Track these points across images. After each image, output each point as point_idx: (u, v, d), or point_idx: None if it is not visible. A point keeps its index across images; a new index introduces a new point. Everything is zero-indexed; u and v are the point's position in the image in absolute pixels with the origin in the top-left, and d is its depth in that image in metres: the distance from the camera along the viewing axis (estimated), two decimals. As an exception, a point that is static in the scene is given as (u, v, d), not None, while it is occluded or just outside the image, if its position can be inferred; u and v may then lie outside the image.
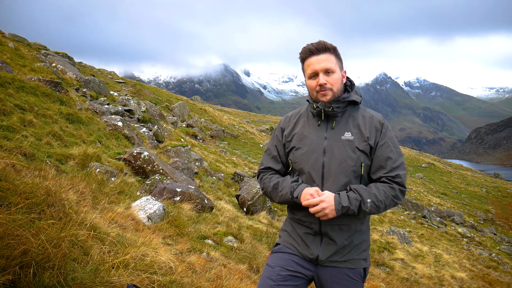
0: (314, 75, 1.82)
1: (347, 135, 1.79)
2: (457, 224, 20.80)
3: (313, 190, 1.73)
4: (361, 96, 1.90)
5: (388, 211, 17.02)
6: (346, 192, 1.72)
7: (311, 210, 1.70)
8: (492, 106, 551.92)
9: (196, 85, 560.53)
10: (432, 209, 21.72)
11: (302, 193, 1.74)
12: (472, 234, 18.25)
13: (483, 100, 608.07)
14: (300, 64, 1.92)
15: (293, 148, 1.88)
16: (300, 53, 1.86)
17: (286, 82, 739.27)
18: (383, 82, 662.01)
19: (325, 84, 1.79)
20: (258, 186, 8.65)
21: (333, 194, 1.70)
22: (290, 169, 1.93)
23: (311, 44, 1.83)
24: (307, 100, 1.93)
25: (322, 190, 1.74)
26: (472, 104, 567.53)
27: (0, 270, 1.79)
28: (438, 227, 17.68)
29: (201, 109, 25.40)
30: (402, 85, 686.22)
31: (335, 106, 1.81)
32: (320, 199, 1.68)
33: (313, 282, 1.91)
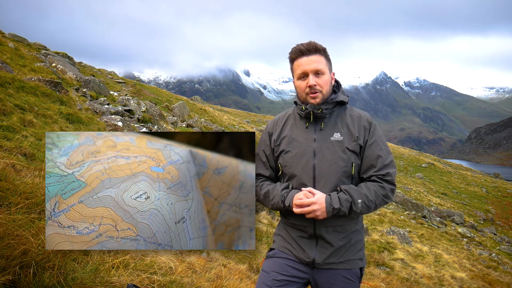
0: (304, 76, 1.80)
1: (336, 136, 1.78)
2: (457, 224, 20.80)
3: (302, 193, 1.72)
4: (348, 96, 1.89)
5: (388, 211, 17.02)
6: (337, 193, 1.71)
7: (302, 210, 1.68)
8: (492, 106, 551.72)
9: (196, 85, 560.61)
10: (432, 209, 21.73)
11: (293, 200, 1.73)
12: (472, 234, 18.25)
13: (483, 100, 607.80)
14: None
15: (282, 151, 1.86)
16: (289, 53, 1.84)
17: (286, 82, 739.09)
18: (383, 82, 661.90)
19: (315, 85, 1.77)
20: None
21: (325, 195, 1.69)
22: (280, 173, 1.90)
23: (302, 44, 1.80)
24: (295, 102, 1.91)
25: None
26: (472, 104, 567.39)
27: (0, 270, 1.79)
28: (438, 227, 17.67)
29: (201, 109, 25.39)
30: (402, 85, 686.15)
31: (324, 108, 1.79)
32: (311, 201, 1.67)
33: (309, 285, 1.89)
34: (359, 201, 1.68)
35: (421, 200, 24.84)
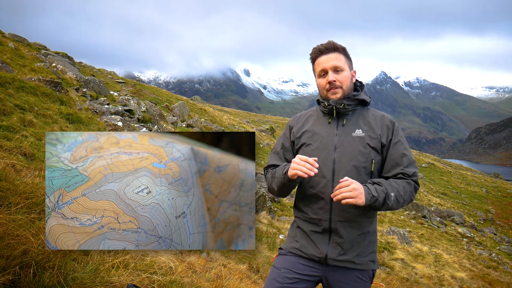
0: (324, 73, 1.85)
1: (358, 132, 1.81)
2: (457, 224, 20.81)
3: (304, 156, 1.67)
4: (370, 97, 1.92)
5: (388, 211, 17.02)
6: (372, 185, 1.70)
7: (341, 184, 1.63)
8: (492, 106, 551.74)
9: (196, 85, 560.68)
10: (432, 209, 21.73)
11: (292, 162, 1.69)
12: (472, 234, 18.25)
13: (483, 100, 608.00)
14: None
15: (303, 144, 1.88)
16: (310, 54, 1.90)
17: (286, 82, 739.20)
18: (383, 82, 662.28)
19: (335, 81, 1.81)
20: (258, 186, 8.64)
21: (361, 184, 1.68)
22: None
23: (321, 44, 1.87)
24: (317, 100, 1.95)
25: (332, 186, 1.73)
26: (472, 104, 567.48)
27: (0, 270, 1.79)
28: (438, 227, 17.68)
29: (201, 109, 25.39)
30: (402, 85, 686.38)
31: (346, 103, 1.83)
32: (352, 181, 1.63)
33: (320, 283, 1.88)
34: (392, 194, 1.69)
35: (421, 200, 24.83)
